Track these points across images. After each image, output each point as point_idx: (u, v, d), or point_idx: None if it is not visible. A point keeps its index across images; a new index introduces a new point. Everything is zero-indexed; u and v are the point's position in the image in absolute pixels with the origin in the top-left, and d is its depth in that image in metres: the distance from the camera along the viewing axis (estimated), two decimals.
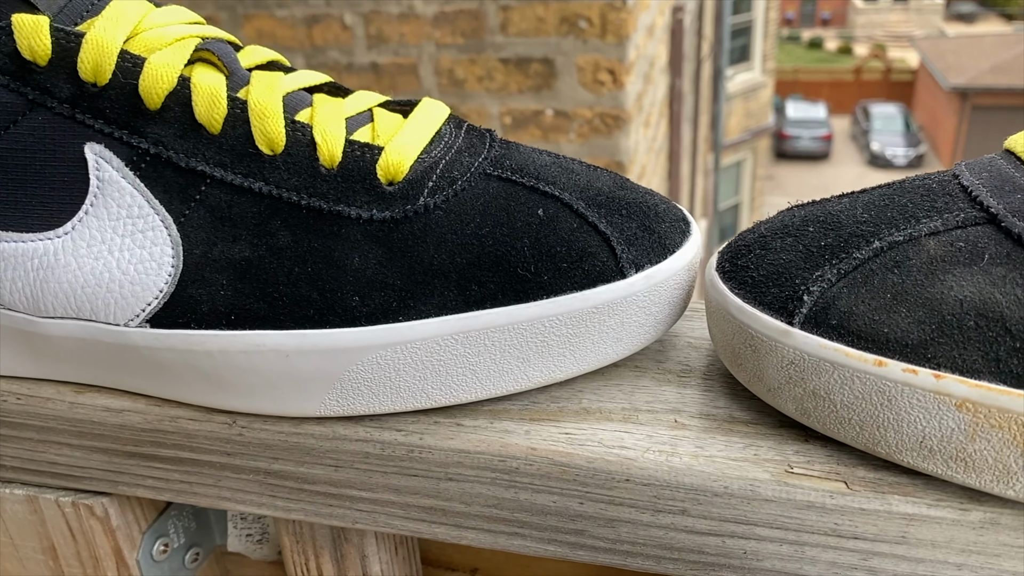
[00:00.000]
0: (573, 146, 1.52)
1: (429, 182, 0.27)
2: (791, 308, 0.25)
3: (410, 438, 0.27)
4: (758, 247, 0.27)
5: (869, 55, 18.32)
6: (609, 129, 1.50)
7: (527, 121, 1.52)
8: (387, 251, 0.26)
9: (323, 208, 0.26)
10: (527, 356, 0.27)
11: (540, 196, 0.28)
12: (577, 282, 0.26)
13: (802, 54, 19.89)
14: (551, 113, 1.51)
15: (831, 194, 0.29)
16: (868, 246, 0.25)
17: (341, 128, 0.28)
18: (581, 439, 0.26)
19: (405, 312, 0.26)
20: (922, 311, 0.23)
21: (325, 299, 0.26)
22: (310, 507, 0.29)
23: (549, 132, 1.52)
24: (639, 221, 0.28)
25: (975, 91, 11.84)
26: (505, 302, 0.26)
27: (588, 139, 1.51)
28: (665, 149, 2.36)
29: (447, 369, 0.26)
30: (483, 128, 0.31)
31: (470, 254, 0.26)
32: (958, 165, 0.27)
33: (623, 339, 0.28)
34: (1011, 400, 0.21)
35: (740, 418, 0.27)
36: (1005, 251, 0.23)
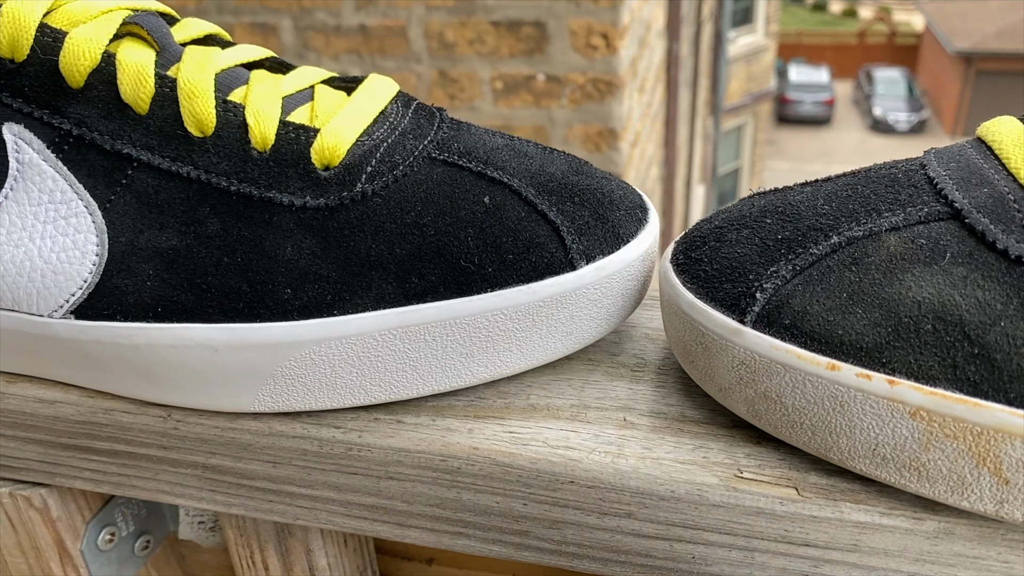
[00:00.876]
0: (565, 112, 1.49)
1: (368, 167, 0.26)
2: (743, 306, 0.23)
3: (349, 436, 0.26)
4: (713, 239, 0.25)
5: (874, 18, 18.07)
6: (602, 95, 1.47)
7: (518, 86, 1.49)
8: (321, 241, 0.25)
9: (254, 194, 0.25)
10: (471, 352, 0.25)
11: (487, 182, 0.26)
12: (524, 274, 0.25)
13: (806, 17, 19.62)
14: (543, 78, 1.48)
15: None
16: (826, 241, 0.23)
17: (276, 108, 0.26)
18: (525, 438, 0.25)
19: (340, 306, 0.25)
20: (878, 312, 0.21)
21: (255, 291, 0.25)
22: (250, 502, 0.28)
23: (541, 98, 1.49)
24: (592, 209, 0.27)
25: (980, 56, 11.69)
26: (447, 295, 0.25)
27: (580, 105, 1.49)
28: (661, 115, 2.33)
29: (386, 365, 0.25)
30: (434, 107, 0.30)
31: (410, 244, 0.25)
32: (927, 153, 0.25)
33: (573, 333, 0.26)
34: (966, 409, 0.20)
35: (692, 417, 0.26)
36: (967, 250, 0.21)
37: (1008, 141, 0.23)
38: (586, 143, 1.49)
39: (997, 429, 0.20)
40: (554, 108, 1.49)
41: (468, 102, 1.51)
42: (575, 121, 1.50)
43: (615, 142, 1.50)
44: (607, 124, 1.49)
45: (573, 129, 1.50)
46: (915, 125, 12.24)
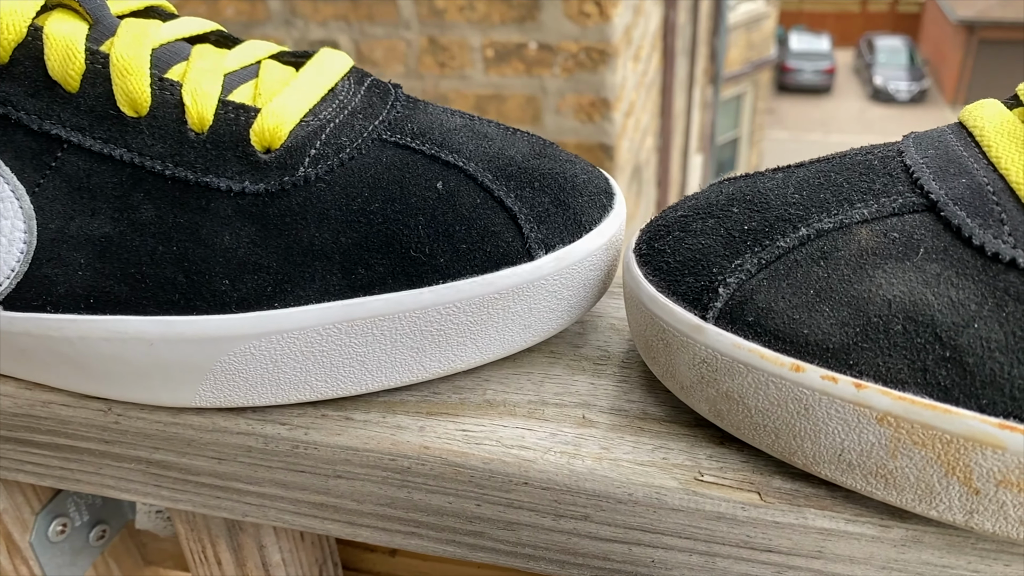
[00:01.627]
0: (558, 81, 1.46)
1: (311, 150, 0.24)
2: (705, 301, 0.22)
3: (295, 433, 0.25)
4: (678, 228, 0.24)
5: None
6: (595, 64, 1.44)
7: (510, 54, 1.46)
8: (261, 229, 0.23)
9: (190, 179, 0.24)
10: (422, 346, 0.24)
11: (441, 166, 0.25)
12: (478, 265, 0.24)
13: None
14: (535, 46, 1.45)
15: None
16: (794, 233, 0.22)
17: (215, 86, 0.24)
18: (479, 436, 0.24)
19: (281, 298, 0.23)
20: (847, 311, 0.20)
21: (192, 282, 0.23)
22: (197, 498, 0.27)
23: (533, 66, 1.46)
24: (553, 195, 0.25)
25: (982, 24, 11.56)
26: (395, 287, 0.24)
27: (573, 74, 1.46)
28: (657, 84, 2.29)
29: (332, 360, 0.24)
30: (390, 83, 0.28)
31: (356, 233, 0.23)
32: (906, 139, 0.24)
33: (532, 326, 0.25)
34: (936, 416, 0.19)
35: (653, 414, 0.25)
36: (942, 245, 0.20)
37: (990, 127, 0.22)
38: (578, 113, 1.47)
39: (967, 437, 0.19)
40: (546, 77, 1.47)
41: (458, 70, 1.48)
42: (567, 90, 1.47)
43: (608, 112, 1.48)
44: (600, 94, 1.46)
45: (565, 99, 1.47)
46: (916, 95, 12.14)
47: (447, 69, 1.48)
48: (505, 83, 1.48)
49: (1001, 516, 0.19)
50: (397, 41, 1.48)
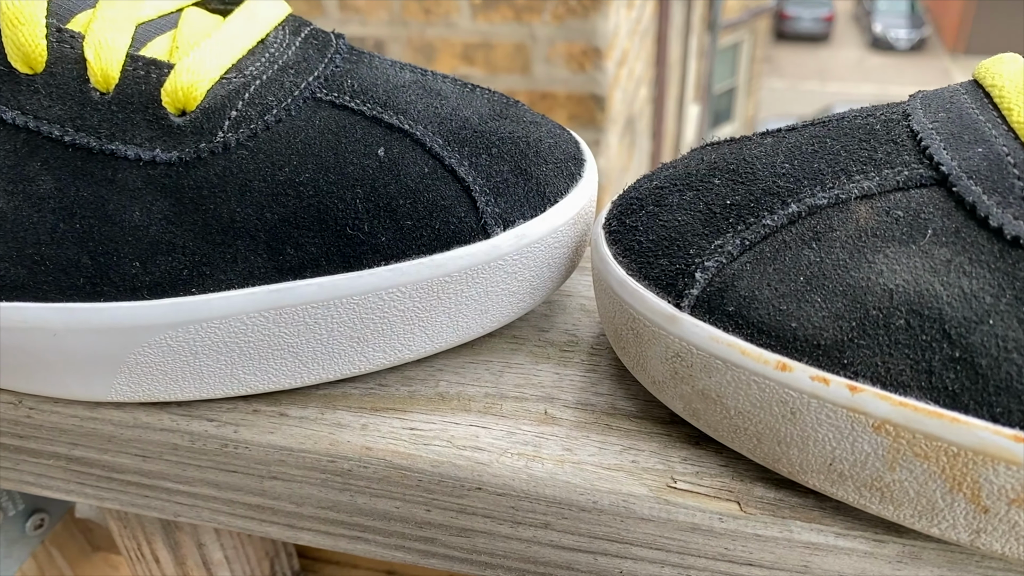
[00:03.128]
0: (548, 28, 1.41)
1: (232, 111, 0.21)
2: (680, 287, 0.19)
3: (223, 430, 0.22)
4: (652, 202, 0.21)
5: None
6: (586, 10, 1.39)
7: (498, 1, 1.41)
8: (175, 203, 0.20)
9: (93, 146, 0.20)
10: (364, 335, 0.21)
11: (383, 129, 0.22)
12: (425, 244, 0.21)
13: None
14: None
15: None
16: (783, 209, 0.19)
17: (123, 38, 0.21)
18: (428, 436, 0.21)
19: (199, 282, 0.21)
20: (841, 302, 0.17)
21: (98, 264, 0.20)
22: (123, 496, 0.25)
23: (522, 13, 1.41)
24: (513, 162, 0.22)
25: None
26: (330, 270, 0.21)
27: (564, 21, 1.41)
28: (652, 31, 2.23)
29: (260, 352, 0.21)
30: (333, 33, 0.25)
31: (283, 208, 0.21)
32: (912, 99, 0.21)
33: (489, 311, 0.22)
34: (942, 426, 0.16)
35: (623, 410, 0.22)
36: (953, 226, 0.17)
37: (1011, 87, 0.19)
38: (569, 62, 1.42)
39: (978, 451, 0.16)
40: (536, 24, 1.41)
41: (444, 16, 1.43)
42: (558, 38, 1.42)
43: (600, 61, 1.43)
44: (592, 42, 1.41)
45: (556, 47, 1.42)
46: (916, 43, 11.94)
47: (432, 16, 1.43)
48: (493, 30, 1.43)
49: (1012, 537, 0.17)
50: None
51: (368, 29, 1.47)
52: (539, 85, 1.45)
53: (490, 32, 1.43)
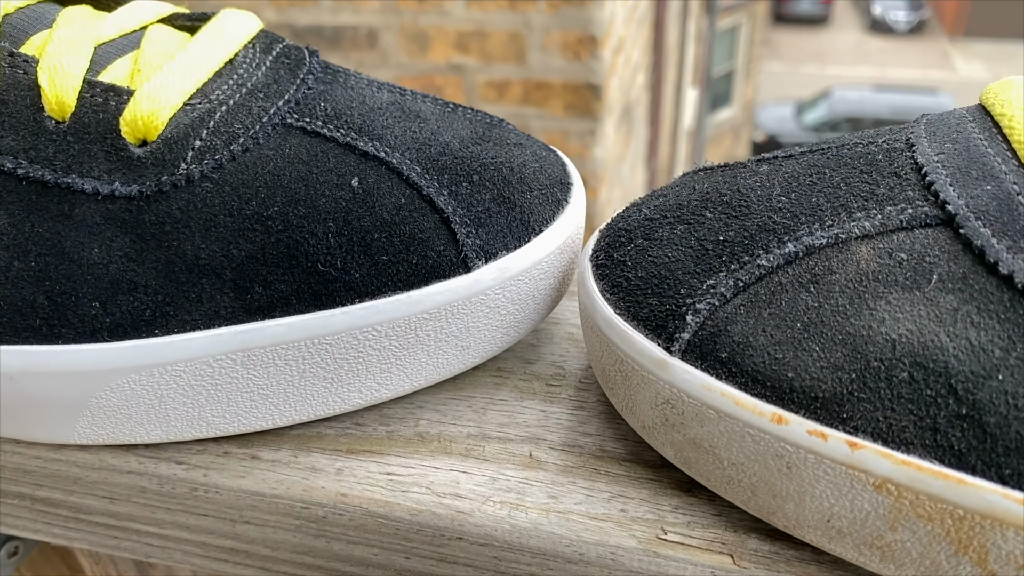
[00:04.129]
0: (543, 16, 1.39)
1: (196, 141, 0.20)
2: (671, 329, 0.18)
3: (192, 474, 0.21)
4: (641, 235, 0.20)
5: None
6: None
7: None
8: (136, 239, 0.19)
9: (48, 179, 0.19)
10: (337, 376, 0.20)
11: (358, 157, 0.20)
12: (402, 279, 0.20)
13: None
14: None
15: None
16: (779, 248, 0.18)
17: (81, 62, 0.20)
18: (406, 482, 0.20)
19: (163, 323, 0.19)
20: (841, 352, 0.16)
21: (55, 305, 0.19)
22: (92, 537, 0.24)
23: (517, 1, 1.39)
24: (496, 190, 0.21)
25: None
26: (301, 308, 0.20)
27: (559, 9, 1.39)
28: (649, 18, 2.20)
29: (228, 395, 0.20)
30: (307, 50, 0.23)
31: (251, 244, 0.19)
32: (917, 125, 0.20)
33: (471, 346, 0.21)
34: (947, 487, 0.15)
35: (612, 452, 0.21)
36: (960, 271, 0.16)
37: (1021, 118, 0.17)
38: (565, 51, 1.40)
39: (985, 514, 0.15)
40: (530, 12, 1.39)
41: (438, 5, 1.41)
42: (553, 27, 1.40)
43: (596, 50, 1.41)
44: (587, 30, 1.39)
45: (551, 35, 1.40)
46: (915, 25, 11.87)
47: (426, 4, 1.41)
48: (487, 19, 1.41)
49: None
50: None
51: (361, 18, 1.45)
52: (534, 74, 1.43)
53: (484, 20, 1.41)
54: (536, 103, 1.45)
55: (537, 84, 1.44)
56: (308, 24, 1.48)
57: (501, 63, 1.44)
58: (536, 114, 1.46)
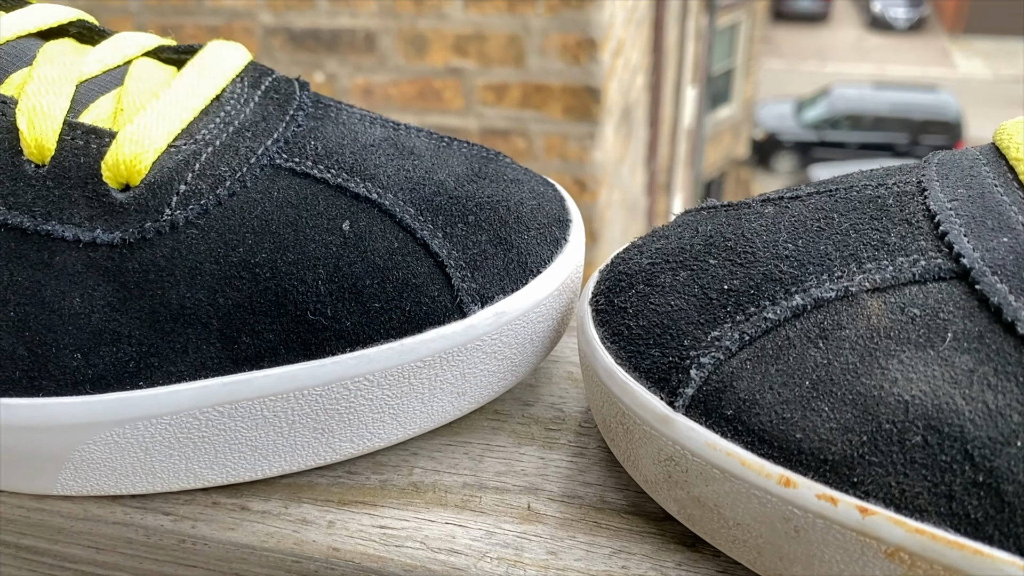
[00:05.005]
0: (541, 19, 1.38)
1: (180, 185, 0.19)
2: (674, 383, 0.17)
3: (180, 525, 0.20)
4: (642, 281, 0.19)
5: None
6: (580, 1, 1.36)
7: None
8: (119, 288, 0.19)
9: (27, 226, 0.19)
10: (328, 427, 0.20)
11: (349, 200, 0.20)
12: (394, 327, 0.19)
13: None
14: None
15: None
16: (786, 300, 0.17)
17: (62, 102, 0.19)
18: (400, 536, 0.20)
19: (147, 374, 0.19)
20: (851, 412, 0.16)
21: (35, 356, 0.19)
22: None
23: (515, 3, 1.38)
24: (492, 231, 0.20)
25: None
26: (290, 358, 0.19)
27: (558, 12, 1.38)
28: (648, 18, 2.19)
29: (215, 447, 0.19)
30: (297, 82, 0.23)
31: (238, 292, 0.19)
32: (928, 165, 0.19)
33: (466, 393, 0.21)
34: (963, 557, 0.15)
35: (613, 503, 0.20)
36: (976, 330, 0.15)
37: None
38: (563, 54, 1.39)
39: None
40: (529, 15, 1.38)
41: (436, 8, 1.40)
42: (552, 30, 1.39)
43: (595, 53, 1.40)
44: (586, 33, 1.38)
45: (550, 38, 1.39)
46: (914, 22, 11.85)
47: (424, 7, 1.40)
48: (486, 21, 1.40)
49: None
50: None
51: (358, 21, 1.44)
52: (533, 77, 1.42)
53: (483, 23, 1.41)
54: (535, 106, 1.44)
55: (536, 87, 1.43)
56: (305, 27, 1.47)
57: (500, 66, 1.43)
58: (535, 117, 1.45)
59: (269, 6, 1.46)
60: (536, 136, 1.47)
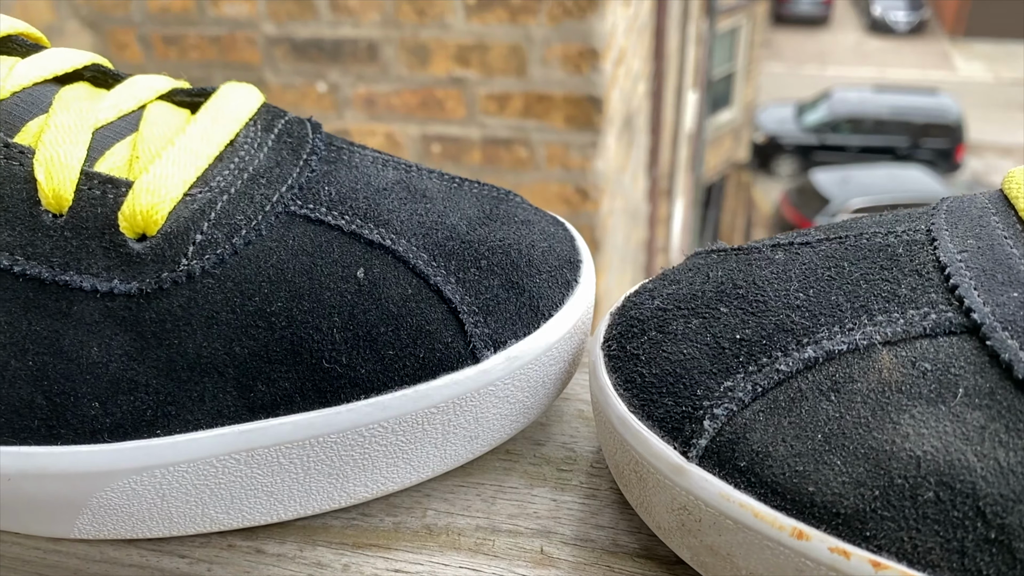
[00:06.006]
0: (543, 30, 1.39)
1: (197, 235, 0.19)
2: (688, 433, 0.18)
3: (196, 568, 0.21)
4: (654, 327, 0.20)
5: None
6: (583, 11, 1.36)
7: (492, 1, 1.38)
8: (136, 338, 0.19)
9: (45, 277, 0.19)
10: (343, 472, 0.20)
11: (364, 246, 0.20)
12: (409, 373, 0.19)
13: None
14: None
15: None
16: (798, 352, 0.17)
17: (79, 151, 0.20)
18: None
19: (164, 423, 0.19)
20: (863, 467, 0.16)
21: (54, 405, 0.19)
22: None
23: (517, 14, 1.38)
24: (504, 275, 0.21)
25: None
26: (305, 406, 0.19)
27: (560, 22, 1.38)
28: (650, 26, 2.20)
29: (232, 493, 0.20)
30: (309, 123, 0.23)
31: (254, 341, 0.19)
32: (937, 213, 0.19)
33: (479, 436, 0.21)
34: None
35: (625, 547, 0.20)
36: (988, 386, 0.16)
37: None
38: (565, 64, 1.40)
39: None
40: (531, 26, 1.39)
41: (438, 18, 1.40)
42: (554, 40, 1.39)
43: (597, 63, 1.40)
44: (588, 43, 1.39)
45: (552, 48, 1.40)
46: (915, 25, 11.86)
47: (426, 17, 1.40)
48: (488, 32, 1.40)
49: None
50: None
51: (361, 31, 1.45)
52: (535, 87, 1.42)
53: (485, 33, 1.41)
54: (537, 116, 1.45)
55: (538, 97, 1.43)
56: (308, 37, 1.47)
57: (502, 76, 1.43)
58: (537, 127, 1.46)
59: (272, 16, 1.47)
60: (538, 145, 1.47)
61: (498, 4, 1.39)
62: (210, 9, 1.48)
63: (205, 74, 1.54)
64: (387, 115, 1.50)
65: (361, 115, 1.52)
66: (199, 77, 1.55)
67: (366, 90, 1.49)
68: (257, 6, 1.46)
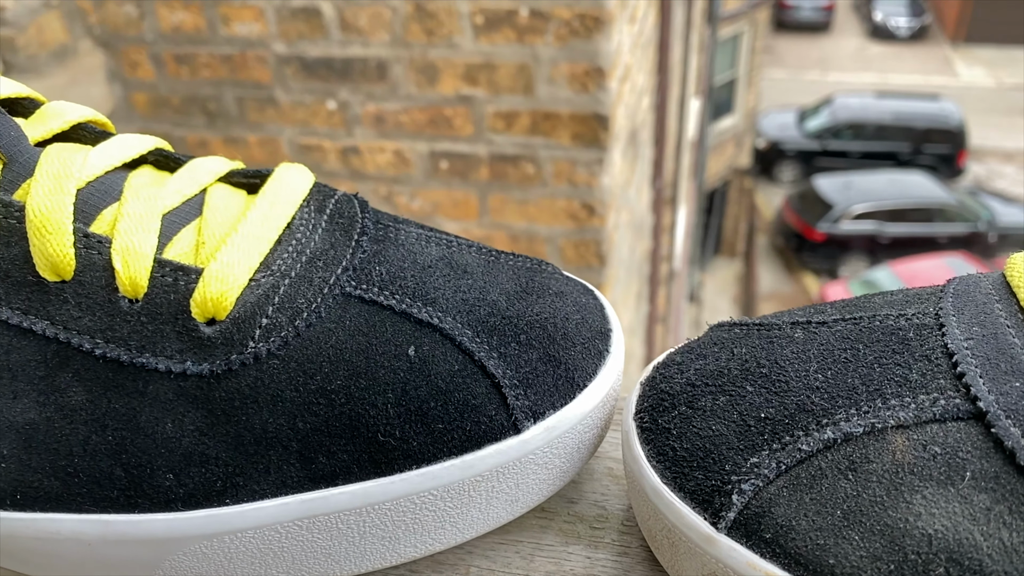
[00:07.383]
0: (550, 49, 1.41)
1: (263, 319, 0.21)
2: (717, 505, 0.19)
3: None
4: (684, 403, 0.21)
5: None
6: (589, 32, 1.38)
7: (500, 21, 1.40)
8: (207, 415, 0.20)
9: (123, 358, 0.20)
10: (395, 535, 0.21)
11: (413, 325, 0.22)
12: (456, 446, 0.21)
13: None
14: (526, 13, 1.39)
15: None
16: (818, 432, 0.19)
17: (151, 239, 0.21)
18: None
19: (233, 493, 0.21)
20: (879, 542, 0.17)
21: (131, 476, 0.21)
22: None
23: (524, 34, 1.40)
24: (542, 349, 0.22)
25: None
26: (362, 476, 0.21)
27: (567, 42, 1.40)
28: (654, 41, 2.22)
29: (293, 555, 0.21)
30: (356, 201, 0.24)
31: (315, 417, 0.21)
32: (945, 296, 0.21)
33: (519, 500, 0.22)
34: None
35: None
36: (993, 470, 0.17)
37: None
38: (572, 83, 1.42)
39: None
40: (539, 46, 1.41)
41: (447, 38, 1.42)
42: (561, 59, 1.41)
43: (603, 81, 1.42)
44: (594, 62, 1.41)
45: (559, 68, 1.42)
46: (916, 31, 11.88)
47: (435, 37, 1.42)
48: (496, 51, 1.42)
49: None
50: (382, 8, 1.42)
51: (370, 50, 1.47)
52: (542, 105, 1.44)
53: (493, 53, 1.43)
54: (544, 133, 1.46)
55: (545, 115, 1.45)
56: (318, 56, 1.49)
57: (509, 94, 1.45)
58: (544, 144, 1.47)
59: (282, 36, 1.49)
60: (545, 162, 1.49)
61: (506, 24, 1.40)
62: (221, 28, 1.50)
63: (216, 92, 1.56)
64: (396, 132, 1.52)
65: (370, 132, 1.54)
66: (210, 95, 1.57)
67: (375, 108, 1.51)
68: (268, 25, 1.48)
